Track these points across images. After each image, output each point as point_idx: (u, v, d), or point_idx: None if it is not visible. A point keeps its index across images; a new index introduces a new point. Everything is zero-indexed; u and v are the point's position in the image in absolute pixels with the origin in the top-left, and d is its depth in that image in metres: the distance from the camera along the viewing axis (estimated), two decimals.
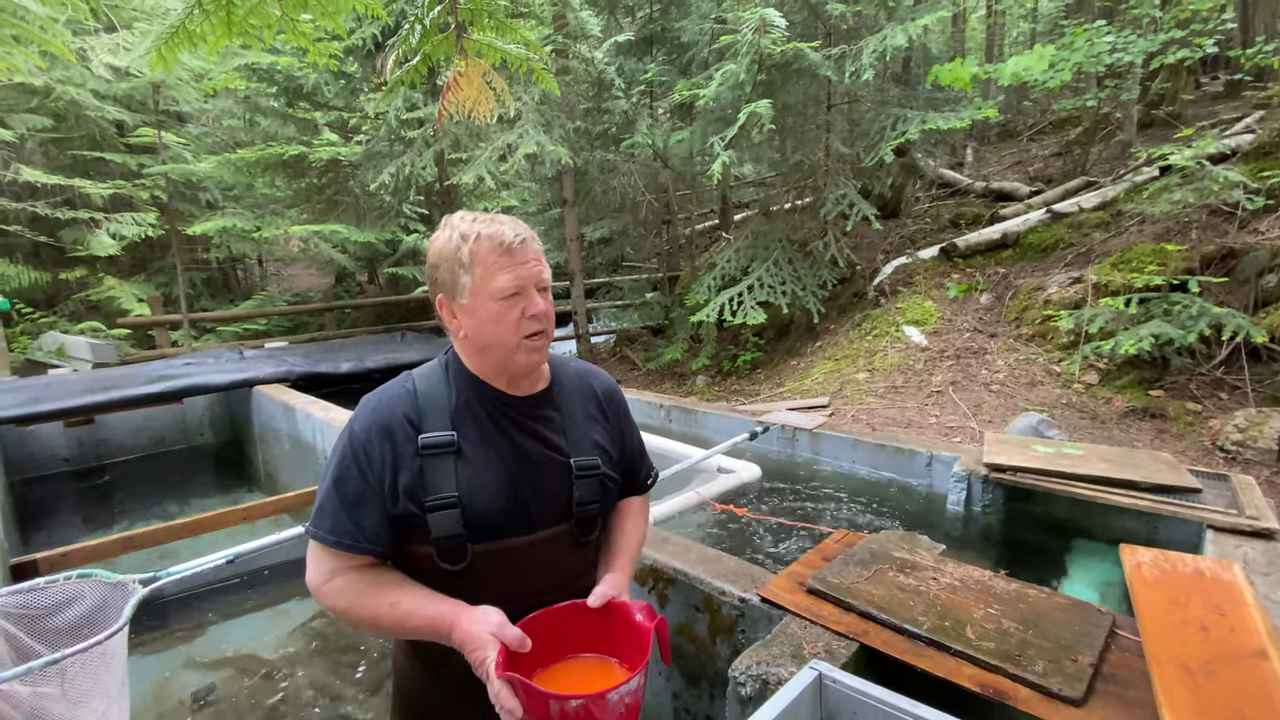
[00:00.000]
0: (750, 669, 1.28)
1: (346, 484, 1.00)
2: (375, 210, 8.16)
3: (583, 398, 1.16)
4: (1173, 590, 1.40)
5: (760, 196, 8.44)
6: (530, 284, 1.02)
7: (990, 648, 1.25)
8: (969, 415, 4.04)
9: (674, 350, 6.63)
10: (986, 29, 12.62)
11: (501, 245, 1.00)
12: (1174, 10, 5.09)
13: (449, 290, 1.03)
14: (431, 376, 1.08)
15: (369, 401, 1.06)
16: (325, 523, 1.00)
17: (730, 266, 5.90)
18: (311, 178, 7.92)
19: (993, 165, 9.11)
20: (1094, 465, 2.25)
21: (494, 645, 0.90)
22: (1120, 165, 6.50)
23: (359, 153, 7.38)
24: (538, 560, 1.06)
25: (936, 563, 1.63)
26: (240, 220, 8.50)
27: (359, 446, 1.01)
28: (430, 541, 1.00)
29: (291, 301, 10.83)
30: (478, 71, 1.47)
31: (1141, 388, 3.99)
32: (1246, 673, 1.08)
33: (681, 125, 6.42)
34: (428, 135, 6.57)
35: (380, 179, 6.34)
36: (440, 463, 1.00)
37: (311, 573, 1.03)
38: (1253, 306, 3.92)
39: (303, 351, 6.12)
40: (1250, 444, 3.14)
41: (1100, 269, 4.66)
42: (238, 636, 2.95)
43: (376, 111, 6.98)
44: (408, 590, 1.00)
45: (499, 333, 1.01)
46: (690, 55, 6.61)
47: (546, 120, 5.94)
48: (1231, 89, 7.29)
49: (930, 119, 5.03)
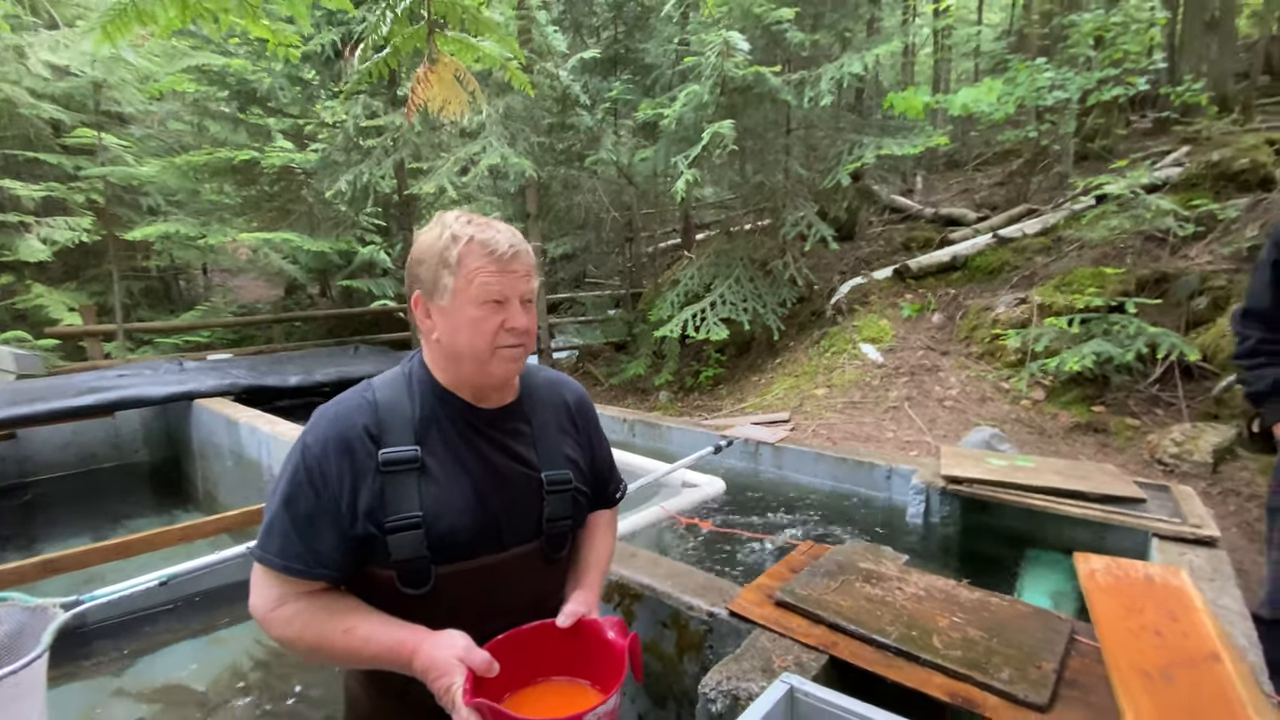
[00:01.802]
0: (720, 685, 1.25)
1: (298, 503, 0.92)
2: (330, 220, 7.96)
3: (554, 409, 1.11)
4: (1127, 597, 1.44)
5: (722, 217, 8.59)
6: (515, 296, 0.97)
7: (957, 656, 1.25)
8: (924, 430, 4.14)
9: (637, 366, 6.63)
10: (934, 64, 13.25)
11: (493, 253, 0.94)
12: (1108, 50, 5.44)
13: (428, 289, 0.97)
14: (393, 386, 1.01)
15: (325, 413, 0.98)
16: (274, 545, 0.92)
17: (693, 284, 5.96)
18: (263, 185, 7.68)
19: (941, 192, 9.50)
20: (1045, 477, 2.32)
21: (460, 671, 0.85)
22: (1059, 194, 6.87)
23: (314, 160, 7.20)
24: (506, 580, 1.01)
25: (901, 573, 1.64)
26: (184, 227, 8.13)
27: (313, 462, 0.93)
28: (391, 564, 0.93)
29: (238, 313, 10.40)
30: (449, 69, 1.44)
31: (1085, 404, 4.17)
32: (1203, 676, 1.11)
33: (645, 144, 6.49)
34: (387, 144, 6.46)
35: (336, 187, 6.19)
36: (402, 480, 0.93)
37: (257, 599, 0.94)
38: (1185, 327, 4.16)
39: (248, 364, 5.85)
40: (1187, 457, 3.30)
41: (1044, 291, 4.88)
42: (171, 665, 2.75)
43: (335, 119, 6.83)
44: (363, 615, 0.93)
45: (474, 341, 0.95)
46: (654, 76, 6.72)
47: (511, 133, 5.92)
48: (1160, 125, 7.81)
49: (885, 144, 5.22)
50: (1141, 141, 7.92)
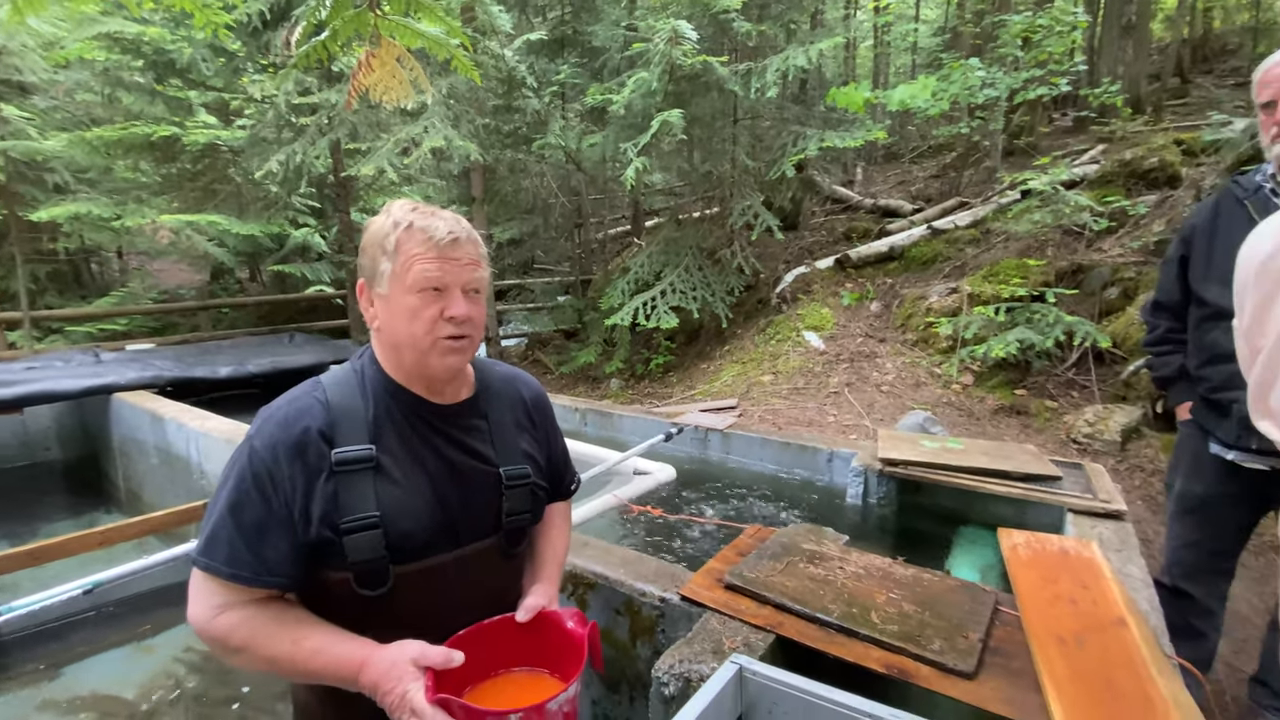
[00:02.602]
0: (673, 668, 1.28)
1: (245, 510, 0.88)
2: (260, 201, 7.55)
3: (510, 405, 1.11)
4: (1044, 569, 1.56)
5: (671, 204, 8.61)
6: (455, 284, 0.95)
7: (894, 630, 1.33)
8: (863, 414, 4.32)
9: (588, 354, 6.61)
10: (874, 58, 13.62)
11: (430, 239, 0.93)
12: (1034, 52, 5.73)
13: (370, 276, 0.96)
14: (344, 385, 0.98)
15: (273, 414, 0.94)
16: (219, 553, 0.88)
17: (644, 271, 5.98)
18: (184, 162, 7.20)
19: (880, 184, 9.82)
20: (973, 458, 2.47)
21: (414, 677, 0.84)
22: (988, 188, 7.22)
23: (242, 138, 6.80)
24: (465, 577, 1.00)
25: (842, 553, 1.72)
26: (96, 207, 7.55)
27: (261, 467, 0.89)
28: (348, 566, 0.90)
29: (159, 299, 9.76)
30: (391, 54, 1.39)
31: (1009, 388, 4.43)
32: (1110, 640, 1.23)
33: (594, 129, 6.43)
34: (321, 123, 6.16)
35: (267, 167, 5.87)
36: (357, 480, 0.91)
37: (196, 607, 0.90)
38: (1098, 315, 4.47)
39: (173, 354, 5.52)
40: (1098, 436, 3.57)
41: (973, 281, 5.14)
42: (98, 676, 2.60)
43: (264, 94, 6.46)
44: (312, 627, 0.90)
45: (412, 330, 0.93)
46: (603, 60, 6.64)
47: (454, 114, 5.75)
48: (1079, 124, 8.30)
49: (828, 137, 5.35)
50: (1062, 139, 8.40)
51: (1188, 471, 1.96)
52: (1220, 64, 11.14)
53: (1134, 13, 9.00)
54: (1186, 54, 10.95)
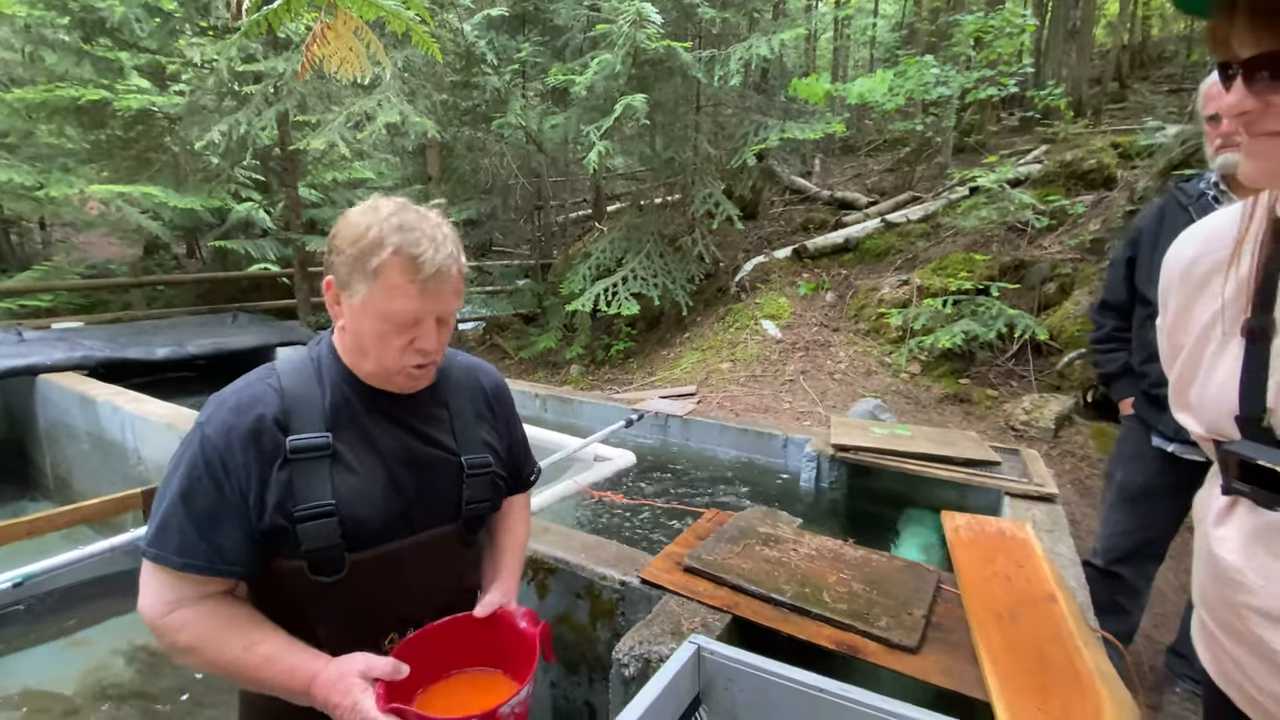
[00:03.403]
0: (633, 650, 1.31)
1: (197, 498, 0.86)
2: (199, 173, 7.17)
3: (470, 395, 1.10)
4: (983, 549, 1.65)
5: (632, 189, 8.57)
6: (430, 314, 0.92)
7: (844, 609, 1.39)
8: (817, 401, 4.44)
9: (548, 339, 6.56)
10: (834, 50, 13.80)
11: (417, 273, 0.88)
12: (985, 52, 5.91)
13: (342, 281, 0.92)
14: (299, 372, 0.95)
15: (225, 400, 0.91)
16: (170, 542, 0.85)
17: (605, 257, 5.96)
18: (115, 129, 6.76)
19: (837, 176, 10.01)
20: (919, 444, 2.57)
21: (363, 687, 0.84)
22: (939, 183, 7.45)
23: (179, 105, 6.42)
24: (422, 563, 1.00)
25: (796, 535, 1.77)
26: (17, 174, 7.03)
27: (214, 454, 0.87)
28: (301, 554, 0.89)
29: (87, 274, 9.19)
30: (348, 25, 1.33)
31: (953, 377, 4.62)
32: (1042, 614, 1.31)
33: (556, 110, 6.33)
34: (267, 92, 5.87)
35: (208, 137, 5.57)
36: (313, 467, 0.90)
37: (149, 601, 0.87)
38: (1037, 309, 4.70)
39: (105, 334, 5.21)
40: (1034, 423, 3.77)
41: (923, 273, 5.32)
42: (27, 671, 2.47)
43: (204, 59, 6.10)
44: (267, 633, 0.89)
45: (380, 353, 0.92)
46: (565, 40, 6.53)
47: (411, 89, 5.57)
48: (1025, 124, 8.63)
49: (789, 128, 5.41)
50: (1009, 138, 8.72)
51: (1129, 463, 2.08)
52: (1156, 70, 11.73)
53: (1079, 18, 9.38)
54: (1125, 60, 11.48)
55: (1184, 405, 0.83)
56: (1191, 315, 0.82)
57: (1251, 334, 0.72)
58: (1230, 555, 0.74)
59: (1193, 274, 0.82)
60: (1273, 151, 0.62)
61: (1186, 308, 0.83)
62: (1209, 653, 0.84)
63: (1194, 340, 0.80)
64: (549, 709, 1.73)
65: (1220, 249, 0.78)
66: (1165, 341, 0.88)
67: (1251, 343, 0.71)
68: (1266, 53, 0.58)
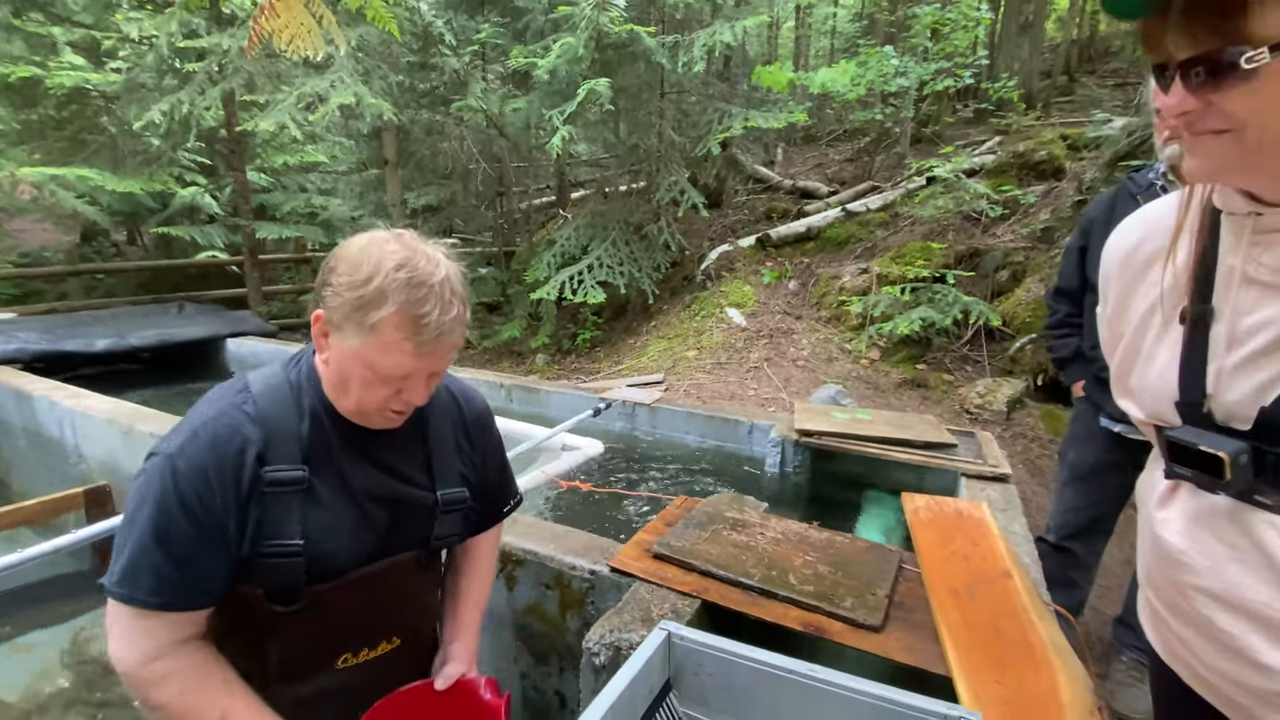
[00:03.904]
0: (603, 638, 1.31)
1: (172, 536, 0.81)
2: (139, 155, 6.81)
3: (451, 423, 1.07)
4: (941, 529, 1.70)
5: (597, 177, 8.49)
6: (424, 372, 0.88)
7: (810, 590, 1.42)
8: (780, 387, 4.50)
9: (512, 328, 6.48)
10: (795, 39, 13.88)
11: (418, 335, 0.83)
12: (942, 44, 6.03)
13: (334, 322, 0.86)
14: (277, 397, 0.90)
15: (198, 428, 0.85)
16: (144, 584, 0.81)
17: (570, 245, 5.90)
18: (48, 108, 6.37)
19: (799, 165, 10.11)
20: (880, 428, 2.63)
21: None
22: (898, 173, 7.59)
23: (117, 82, 6.08)
24: (380, 590, 0.98)
25: (762, 519, 1.80)
26: None
27: (190, 491, 0.82)
28: (262, 583, 0.87)
29: (19, 263, 8.65)
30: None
31: (911, 362, 4.75)
32: (998, 591, 1.36)
33: (517, 93, 6.21)
34: (212, 70, 5.60)
35: (148, 117, 5.29)
36: (287, 502, 0.86)
37: (124, 650, 0.83)
38: (990, 296, 4.85)
39: (40, 325, 4.92)
40: (988, 407, 3.90)
41: (882, 262, 5.43)
42: None
43: (143, 34, 5.77)
44: (241, 699, 0.87)
45: (363, 397, 0.88)
46: (525, 21, 6.40)
47: (365, 69, 5.38)
48: (979, 116, 8.84)
49: (752, 117, 5.43)
50: (964, 129, 8.93)
51: (1081, 443, 2.17)
52: (1103, 64, 12.13)
53: (1031, 12, 9.64)
54: (1074, 54, 11.85)
55: (1125, 392, 0.86)
56: (1131, 303, 0.83)
57: (1190, 321, 0.73)
58: (1174, 538, 0.76)
59: (1133, 262, 0.83)
60: (1214, 150, 0.63)
61: (1126, 296, 0.84)
62: (1156, 632, 0.87)
63: (1134, 328, 0.82)
64: (519, 701, 1.73)
65: (1160, 237, 0.79)
66: (1106, 330, 0.90)
67: (1190, 330, 0.73)
68: (1204, 53, 0.57)
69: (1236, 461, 0.67)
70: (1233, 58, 0.55)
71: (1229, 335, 0.69)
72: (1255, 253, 0.68)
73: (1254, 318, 0.67)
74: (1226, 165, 0.64)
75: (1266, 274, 0.67)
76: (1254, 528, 0.68)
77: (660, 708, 0.99)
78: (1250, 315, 0.68)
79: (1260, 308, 0.67)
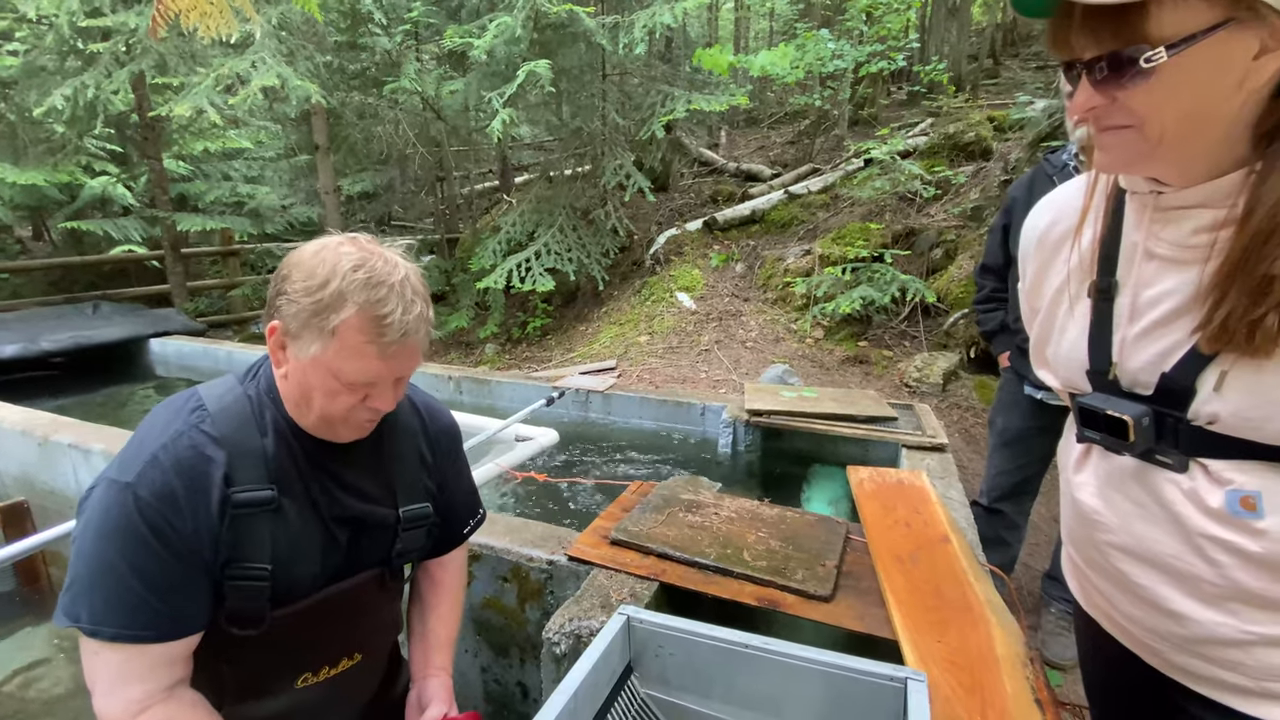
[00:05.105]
0: (563, 627, 1.32)
1: (148, 569, 0.77)
2: (42, 143, 6.30)
3: (414, 439, 1.05)
4: (885, 499, 1.78)
5: (541, 160, 8.34)
6: (389, 377, 0.85)
7: (763, 566, 1.46)
8: (731, 369, 4.58)
9: (459, 318, 6.33)
10: (735, 21, 13.92)
11: (379, 339, 0.80)
12: (876, 27, 6.16)
13: (291, 332, 0.82)
14: (236, 412, 0.86)
15: (158, 452, 0.80)
16: (128, 619, 0.77)
17: (515, 231, 5.79)
18: None
19: (742, 148, 10.19)
20: (825, 405, 2.72)
21: None
22: (837, 155, 7.76)
23: (14, 66, 5.57)
24: (341, 607, 0.96)
25: (716, 499, 1.84)
26: None
27: (158, 519, 0.78)
28: (223, 606, 0.84)
29: None
30: None
31: (853, 340, 4.90)
32: (938, 555, 1.44)
33: (454, 75, 6.02)
34: (118, 51, 5.20)
35: (49, 103, 4.88)
36: (255, 524, 0.83)
37: (109, 701, 0.79)
38: (926, 273, 5.04)
39: None
40: (925, 380, 4.08)
41: (824, 243, 5.56)
42: None
43: (40, 13, 5.30)
44: None
45: (328, 407, 0.85)
46: (460, 0, 6.19)
47: (289, 49, 5.11)
48: (912, 98, 9.10)
49: (695, 99, 5.43)
50: (899, 111, 9.19)
51: (1007, 410, 2.31)
52: (1025, 48, 12.67)
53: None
54: (999, 37, 12.33)
55: (1042, 362, 0.92)
56: (1047, 279, 0.89)
57: (1096, 295, 0.78)
58: (1089, 499, 0.82)
59: (1047, 241, 0.89)
60: (1120, 144, 0.67)
61: (1042, 272, 0.90)
62: (1078, 585, 0.94)
63: (1049, 302, 0.87)
64: (480, 694, 1.73)
65: (1070, 218, 0.84)
66: (1025, 304, 0.96)
67: (1097, 303, 0.78)
68: (1107, 53, 0.60)
69: (1140, 424, 0.72)
70: (1133, 56, 0.59)
71: (1131, 307, 0.75)
72: (1155, 229, 0.73)
73: (1154, 290, 0.73)
74: (1131, 158, 0.68)
75: (1166, 249, 0.72)
76: (1157, 486, 0.74)
77: (622, 691, 1.01)
78: (1151, 288, 0.73)
79: (1160, 280, 0.72)
